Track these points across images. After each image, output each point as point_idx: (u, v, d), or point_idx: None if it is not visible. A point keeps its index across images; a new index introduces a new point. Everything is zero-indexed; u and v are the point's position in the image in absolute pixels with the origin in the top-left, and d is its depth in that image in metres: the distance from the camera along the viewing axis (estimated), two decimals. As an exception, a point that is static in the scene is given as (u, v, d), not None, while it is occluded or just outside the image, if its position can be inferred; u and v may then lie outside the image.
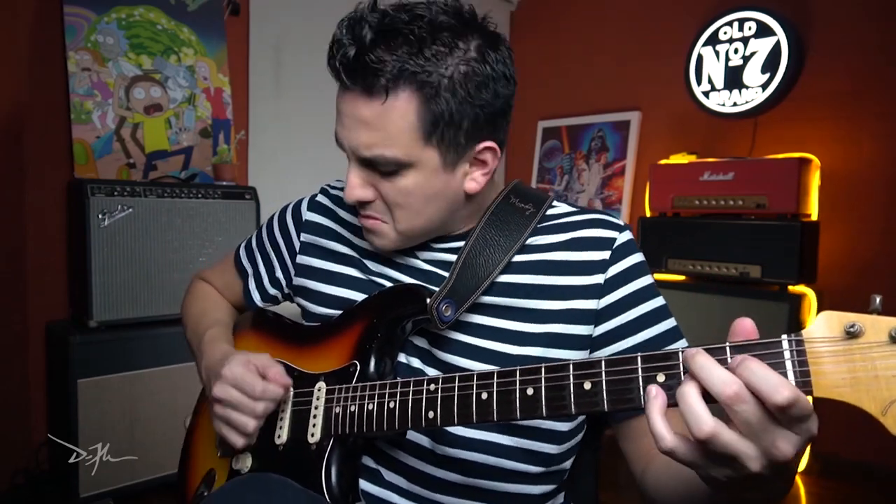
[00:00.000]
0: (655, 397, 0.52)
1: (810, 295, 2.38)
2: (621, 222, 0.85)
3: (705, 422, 0.48)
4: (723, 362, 0.50)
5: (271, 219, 1.04)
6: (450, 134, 0.74)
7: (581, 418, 0.86)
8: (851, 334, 0.46)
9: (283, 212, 1.02)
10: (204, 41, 2.55)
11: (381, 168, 0.76)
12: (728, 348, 0.51)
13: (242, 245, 1.08)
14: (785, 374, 0.48)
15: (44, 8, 2.17)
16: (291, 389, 0.84)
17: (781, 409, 0.45)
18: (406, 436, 0.81)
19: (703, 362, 0.49)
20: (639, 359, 0.55)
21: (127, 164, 2.31)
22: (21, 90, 2.13)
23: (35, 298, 2.18)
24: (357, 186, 0.79)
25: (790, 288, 2.37)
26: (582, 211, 0.87)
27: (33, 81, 2.16)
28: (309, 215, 0.97)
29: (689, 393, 0.49)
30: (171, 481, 2.05)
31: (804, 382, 0.48)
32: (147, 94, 2.38)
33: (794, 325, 2.33)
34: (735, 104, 2.67)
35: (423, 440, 0.81)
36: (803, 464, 2.44)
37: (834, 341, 0.47)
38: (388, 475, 0.83)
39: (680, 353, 0.53)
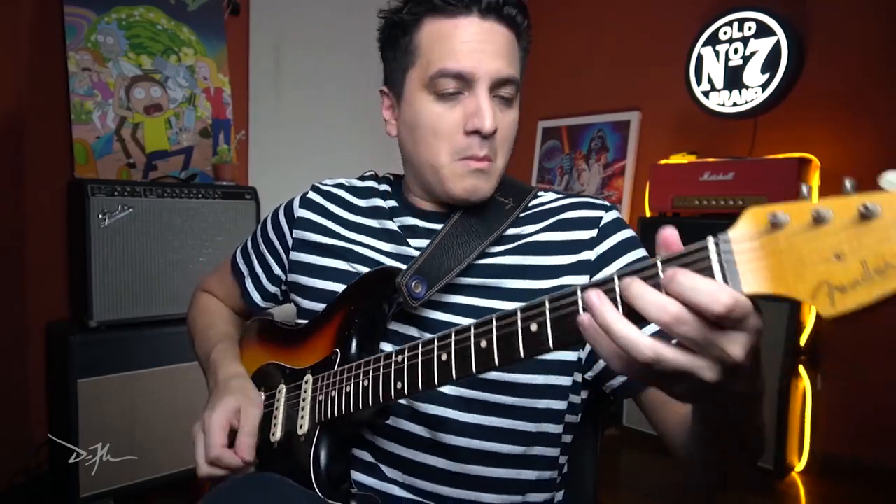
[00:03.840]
0: (589, 326, 0.49)
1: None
2: (605, 202, 0.87)
3: (644, 347, 0.46)
4: (657, 284, 0.47)
5: (265, 220, 1.05)
6: (522, 80, 0.86)
7: (575, 400, 0.86)
8: (776, 225, 0.44)
9: (276, 211, 1.04)
10: (204, 41, 2.55)
11: (506, 93, 0.82)
12: (660, 264, 0.48)
13: (239, 249, 1.09)
14: (713, 277, 0.46)
15: (44, 8, 2.17)
16: (284, 389, 0.86)
17: (723, 316, 0.44)
18: (390, 419, 0.81)
19: (637, 290, 0.47)
20: (578, 289, 0.53)
21: (127, 164, 2.31)
22: (21, 90, 2.14)
23: (35, 298, 2.18)
24: (491, 116, 0.80)
25: (790, 288, 2.37)
26: (566, 195, 0.90)
27: (33, 81, 2.16)
28: (301, 212, 0.99)
29: (614, 321, 0.47)
30: (171, 481, 2.05)
31: (733, 283, 0.45)
32: (147, 94, 2.38)
33: (794, 325, 2.34)
34: (735, 104, 2.67)
35: (418, 429, 0.81)
36: (803, 464, 2.44)
37: (760, 235, 0.45)
38: (387, 469, 0.83)
39: (615, 277, 0.50)
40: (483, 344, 0.61)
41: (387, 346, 0.84)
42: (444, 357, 0.65)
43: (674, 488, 2.36)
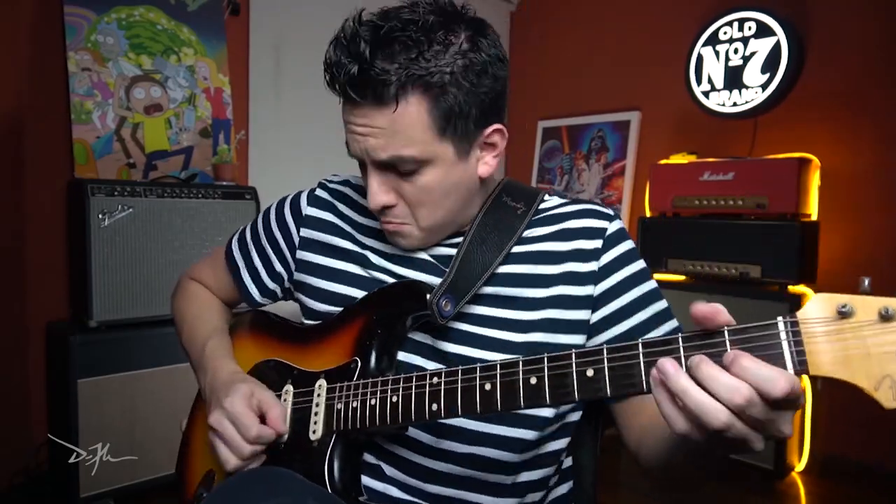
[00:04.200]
0: (661, 385, 0.53)
1: (810, 295, 2.37)
2: (610, 212, 0.88)
3: (721, 413, 0.50)
4: (720, 353, 0.52)
5: (267, 212, 1.02)
6: (461, 125, 0.77)
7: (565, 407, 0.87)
8: (843, 314, 0.48)
9: (280, 205, 1.00)
10: (204, 41, 2.55)
11: (401, 168, 0.78)
12: (727, 334, 0.53)
13: (235, 238, 1.05)
14: (782, 355, 0.50)
15: (44, 8, 2.17)
16: (291, 389, 0.84)
17: (780, 400, 0.48)
18: (407, 431, 0.81)
19: (709, 371, 0.51)
20: (640, 345, 0.57)
21: (127, 164, 2.31)
22: (21, 90, 2.13)
23: (35, 298, 2.18)
24: (379, 192, 0.80)
25: (790, 288, 2.37)
26: (572, 202, 0.90)
27: (33, 81, 2.16)
28: (309, 210, 0.96)
29: (692, 391, 0.51)
30: (171, 481, 2.04)
31: (801, 362, 0.50)
32: (147, 94, 2.38)
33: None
34: (735, 104, 2.67)
35: (422, 435, 0.81)
36: (803, 464, 2.44)
37: (827, 322, 0.49)
38: (389, 470, 0.83)
39: (680, 341, 0.55)
40: (533, 381, 0.63)
41: (401, 355, 0.84)
42: (487, 387, 0.66)
43: (674, 488, 2.36)
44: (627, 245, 0.86)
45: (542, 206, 0.90)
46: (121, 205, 1.98)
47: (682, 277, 2.66)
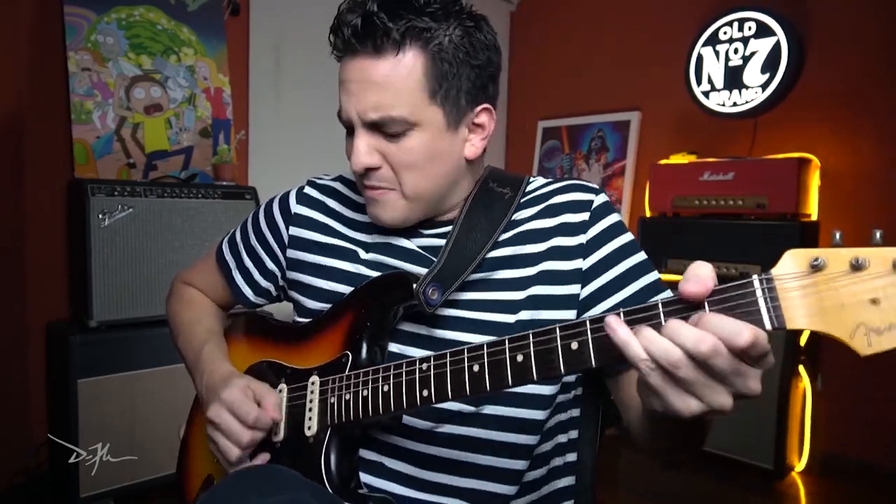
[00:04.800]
0: (616, 328, 0.55)
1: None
2: (595, 186, 0.88)
3: (680, 358, 0.51)
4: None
5: (256, 212, 1.02)
6: (452, 93, 0.79)
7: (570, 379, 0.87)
8: (816, 267, 0.49)
9: (269, 205, 1.01)
10: (204, 41, 2.55)
11: (389, 130, 0.78)
12: (705, 300, 0.54)
13: (225, 240, 1.06)
14: (759, 311, 0.52)
15: (44, 8, 2.17)
16: (286, 388, 0.85)
17: (745, 350, 0.49)
18: (402, 420, 0.81)
19: (673, 326, 0.52)
20: (621, 314, 0.57)
21: (127, 164, 2.31)
22: (21, 90, 2.14)
23: (35, 298, 2.18)
24: (364, 153, 0.80)
25: (790, 288, 2.37)
26: (556, 180, 0.91)
27: (33, 81, 2.16)
28: (298, 208, 0.96)
29: (654, 338, 0.53)
30: (171, 481, 2.04)
31: (777, 317, 0.51)
32: (147, 94, 2.38)
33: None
34: (735, 104, 2.67)
35: (418, 422, 0.82)
36: (803, 464, 2.44)
37: (801, 276, 0.50)
38: (390, 462, 0.83)
39: (660, 305, 0.56)
40: (519, 358, 0.63)
41: (392, 346, 0.84)
42: (475, 368, 0.66)
43: (673, 488, 2.36)
44: (614, 217, 0.86)
45: (528, 188, 0.90)
46: (121, 205, 1.98)
47: (682, 277, 2.66)
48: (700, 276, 0.53)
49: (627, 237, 0.85)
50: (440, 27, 0.76)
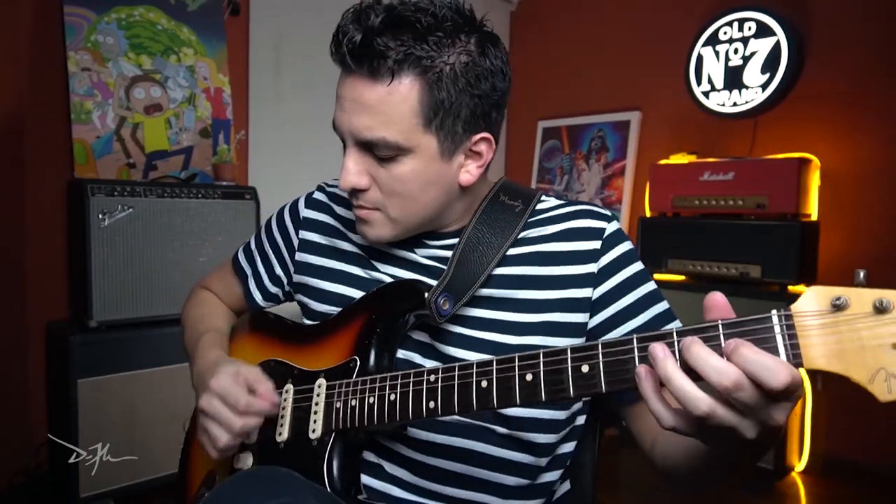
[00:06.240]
0: (646, 378, 0.53)
1: (810, 295, 2.37)
2: (608, 212, 0.87)
3: (701, 401, 0.50)
4: (716, 346, 0.51)
5: (269, 220, 1.05)
6: (448, 122, 0.76)
7: (575, 408, 0.87)
8: (838, 307, 0.47)
9: (280, 211, 1.03)
10: (204, 41, 2.55)
11: (380, 153, 0.77)
12: (721, 328, 0.52)
13: (241, 249, 1.09)
14: (776, 349, 0.50)
15: (44, 8, 2.17)
16: (292, 389, 0.84)
17: (780, 392, 0.48)
18: (406, 430, 0.81)
19: (699, 352, 0.50)
20: (634, 340, 0.56)
21: (127, 164, 2.31)
22: (21, 90, 2.13)
23: (35, 298, 2.18)
24: (353, 173, 0.79)
25: (790, 288, 2.37)
26: (568, 203, 0.89)
27: (33, 81, 2.16)
28: (307, 212, 0.98)
29: (676, 377, 0.51)
30: (171, 481, 2.05)
31: (794, 355, 0.49)
32: (147, 94, 2.38)
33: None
34: (735, 104, 2.67)
35: (421, 433, 0.81)
36: (803, 464, 2.44)
37: (821, 314, 0.48)
38: (390, 468, 0.83)
39: (674, 334, 0.54)
40: (528, 377, 0.63)
41: (400, 353, 0.84)
42: (483, 384, 0.66)
43: (673, 488, 2.36)
44: (626, 246, 0.85)
45: (540, 206, 0.89)
46: (121, 205, 1.98)
47: (682, 277, 2.66)
48: (718, 304, 0.53)
49: (638, 265, 0.85)
50: (441, 55, 0.73)
